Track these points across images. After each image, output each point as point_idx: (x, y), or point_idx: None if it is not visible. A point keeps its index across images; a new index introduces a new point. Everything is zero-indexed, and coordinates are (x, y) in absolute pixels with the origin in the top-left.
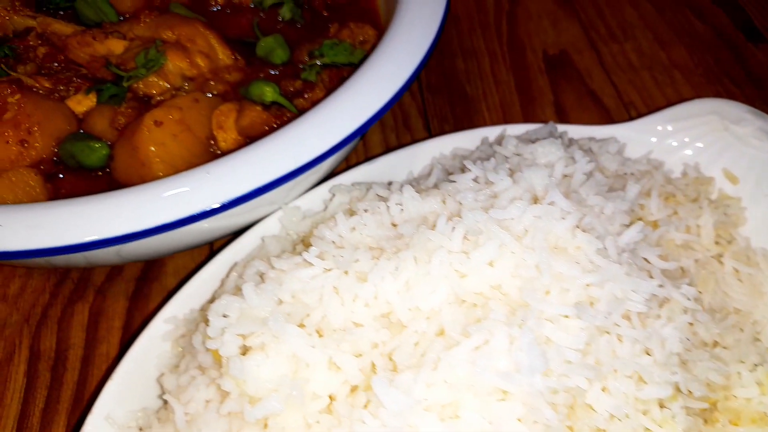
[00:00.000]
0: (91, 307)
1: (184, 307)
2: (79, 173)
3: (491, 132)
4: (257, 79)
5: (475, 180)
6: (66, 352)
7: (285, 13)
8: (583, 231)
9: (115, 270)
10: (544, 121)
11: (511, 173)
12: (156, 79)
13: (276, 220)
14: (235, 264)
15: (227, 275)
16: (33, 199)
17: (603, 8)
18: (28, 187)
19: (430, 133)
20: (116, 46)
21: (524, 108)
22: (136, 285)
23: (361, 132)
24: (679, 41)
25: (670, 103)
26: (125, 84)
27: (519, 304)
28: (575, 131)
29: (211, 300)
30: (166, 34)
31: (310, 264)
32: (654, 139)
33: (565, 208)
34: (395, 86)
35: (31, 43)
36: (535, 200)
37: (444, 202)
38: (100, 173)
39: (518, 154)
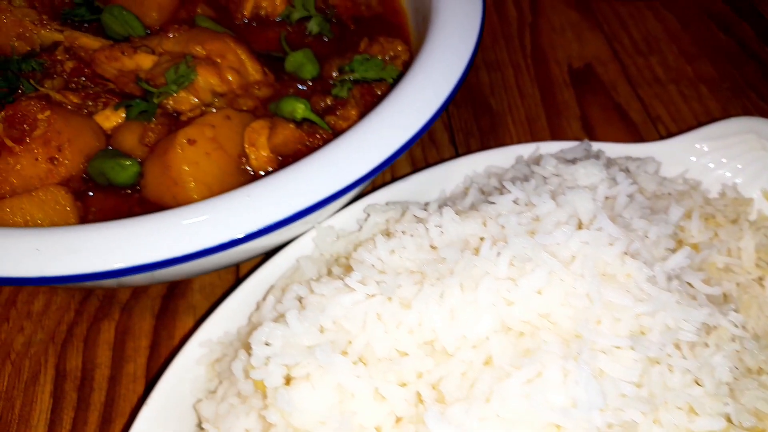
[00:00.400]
0: (117, 325)
1: (218, 329)
2: (109, 191)
3: (524, 150)
4: (288, 96)
5: (515, 201)
6: (92, 371)
7: (313, 26)
8: (632, 257)
9: (140, 287)
10: (572, 136)
11: (553, 195)
12: (186, 95)
13: (309, 239)
14: (272, 287)
15: (263, 298)
16: (63, 218)
17: (626, 20)
18: (58, 205)
19: (456, 147)
20: (145, 61)
21: (550, 122)
22: (162, 302)
23: (400, 154)
24: (704, 54)
25: (697, 118)
26: (156, 100)
27: (570, 333)
28: (609, 149)
29: (247, 323)
30: (196, 50)
31: (352, 289)
32: (692, 159)
33: (614, 234)
34: (434, 106)
35: (58, 57)
36: (580, 224)
37: (485, 224)
38: (130, 191)
39: (557, 175)
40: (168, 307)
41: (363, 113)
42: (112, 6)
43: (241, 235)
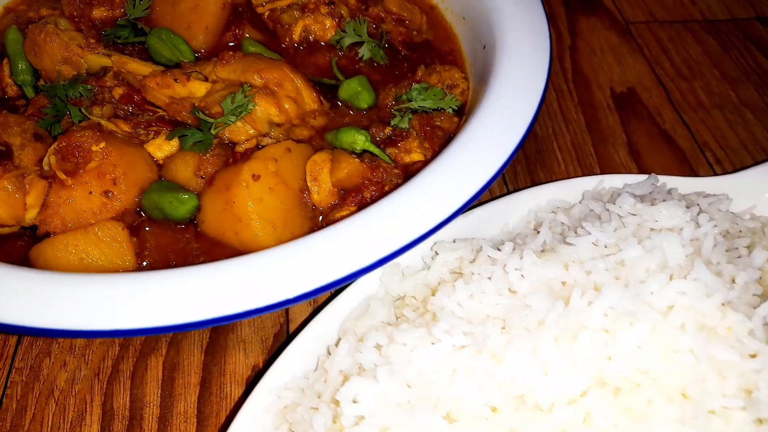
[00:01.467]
0: (165, 361)
1: (284, 373)
2: (164, 225)
3: (587, 184)
4: (347, 127)
5: (594, 243)
6: (141, 410)
7: (365, 52)
8: (731, 308)
9: None
10: (620, 164)
11: (638, 238)
12: (242, 125)
13: (376, 277)
14: (345, 332)
15: (336, 344)
16: (119, 255)
17: (666, 43)
18: (115, 242)
19: (503, 175)
20: (198, 89)
21: (597, 148)
22: (210, 336)
23: (478, 197)
24: (747, 79)
25: (744, 144)
26: (213, 132)
27: (674, 391)
28: (677, 184)
29: (317, 367)
30: (253, 78)
31: (438, 340)
32: (767, 195)
33: (711, 284)
34: (509, 147)
35: (107, 83)
36: (669, 271)
37: (566, 268)
38: (185, 224)
39: (634, 214)
40: (217, 341)
41: (423, 144)
42: (159, 29)
43: (317, 287)
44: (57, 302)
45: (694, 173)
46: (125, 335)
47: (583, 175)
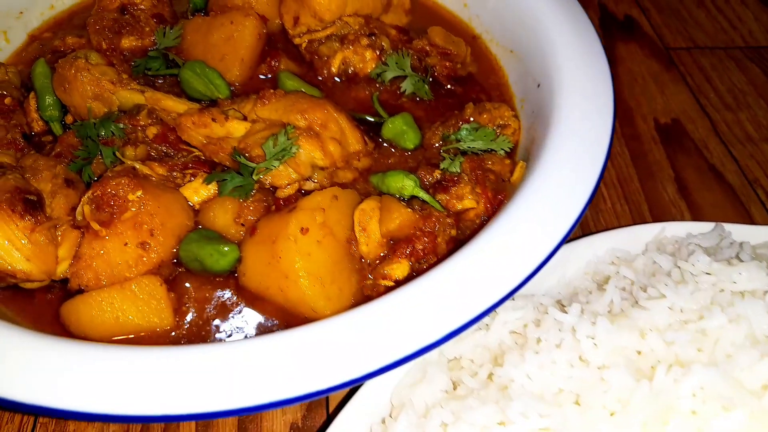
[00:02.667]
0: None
1: None
2: (202, 277)
3: (648, 232)
4: (394, 170)
5: (671, 307)
6: None
7: (407, 86)
8: None
9: None
10: (669, 201)
11: (719, 305)
12: (285, 169)
13: None
14: (403, 405)
15: (392, 415)
16: (157, 313)
17: (709, 72)
18: (153, 300)
19: None
20: (237, 129)
21: (643, 184)
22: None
23: (545, 264)
24: None
25: None
26: (255, 177)
27: None
28: (744, 234)
29: None
30: (296, 119)
31: (512, 421)
32: None
33: None
34: (577, 208)
35: (141, 122)
36: (758, 344)
37: (643, 336)
38: (222, 278)
39: (708, 273)
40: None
41: (475, 190)
42: (193, 62)
43: (383, 365)
44: (94, 381)
45: (747, 212)
46: (165, 420)
47: (631, 212)
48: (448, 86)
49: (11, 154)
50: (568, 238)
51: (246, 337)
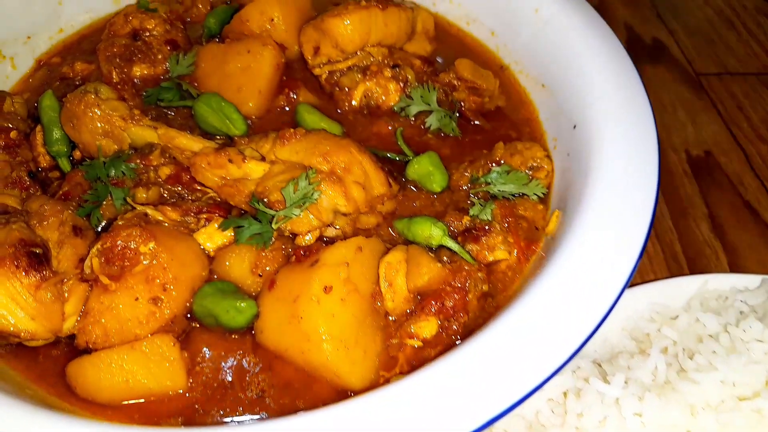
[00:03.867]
0: None
1: None
2: (216, 332)
3: (689, 285)
4: (421, 217)
5: (722, 381)
6: None
7: (433, 122)
8: None
9: None
10: (703, 241)
11: None
12: (305, 216)
13: None
14: None
15: None
16: (169, 376)
17: (741, 99)
18: (165, 361)
19: None
20: (255, 170)
21: (676, 222)
22: None
23: (589, 338)
24: None
25: None
26: (275, 226)
27: None
28: None
29: None
30: (318, 162)
31: None
32: None
33: None
34: (623, 276)
35: (153, 162)
36: None
37: (694, 413)
38: (236, 335)
39: (761, 341)
40: None
41: (507, 239)
42: (208, 95)
43: None
44: None
45: None
46: None
47: (664, 252)
48: (476, 122)
49: (16, 194)
50: None
51: (265, 401)
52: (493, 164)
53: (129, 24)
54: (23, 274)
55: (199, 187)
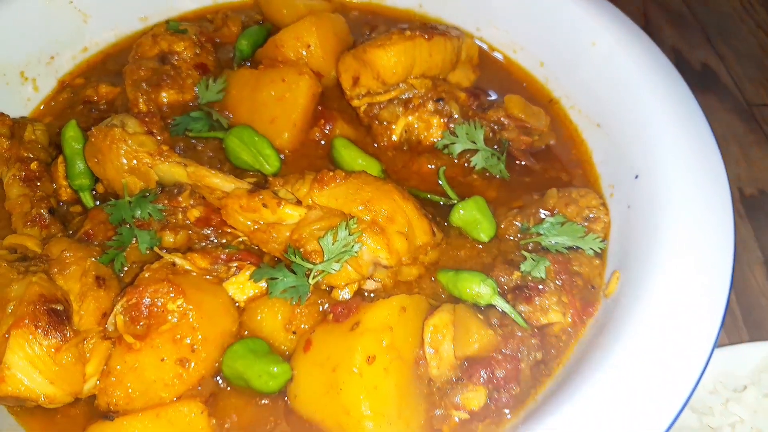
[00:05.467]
0: None
1: None
2: (246, 395)
3: (753, 352)
4: (468, 272)
5: None
6: None
7: (478, 161)
8: None
9: None
10: (758, 289)
11: None
12: (344, 268)
13: None
14: None
15: None
16: None
17: None
18: (192, 429)
19: None
20: (290, 215)
21: None
22: None
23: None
24: None
25: None
26: (311, 282)
27: None
28: None
29: None
30: (358, 210)
31: None
32: None
33: None
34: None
35: (182, 203)
36: None
37: None
38: (267, 399)
39: None
40: None
41: (562, 299)
42: (240, 128)
43: None
44: None
45: None
46: None
47: None
48: (524, 162)
49: (35, 234)
50: None
51: None
52: (546, 213)
53: (157, 45)
54: (43, 335)
55: (229, 230)
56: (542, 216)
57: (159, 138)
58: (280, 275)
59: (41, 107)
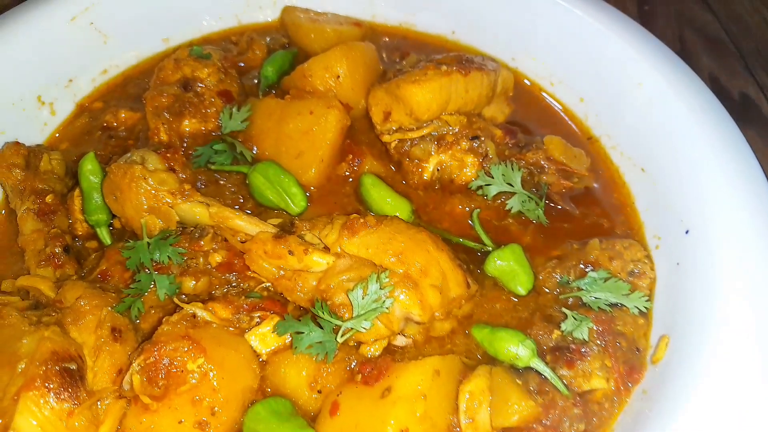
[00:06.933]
0: None
1: None
2: None
3: None
4: (505, 330)
5: None
6: None
7: (515, 204)
8: None
9: None
10: None
11: None
12: (374, 323)
13: None
14: None
15: None
16: None
17: None
18: None
19: None
20: (317, 263)
21: None
22: None
23: None
24: None
25: None
26: (340, 339)
27: None
28: None
29: None
30: (390, 262)
31: None
32: None
33: None
34: None
35: (204, 248)
36: None
37: None
38: None
39: None
40: None
41: (605, 363)
42: (266, 164)
43: None
44: None
45: None
46: None
47: None
48: (563, 207)
49: (49, 274)
50: None
51: None
52: (587, 266)
53: (180, 71)
54: (55, 398)
55: (252, 275)
56: (583, 269)
57: (181, 175)
58: (306, 330)
59: (56, 134)
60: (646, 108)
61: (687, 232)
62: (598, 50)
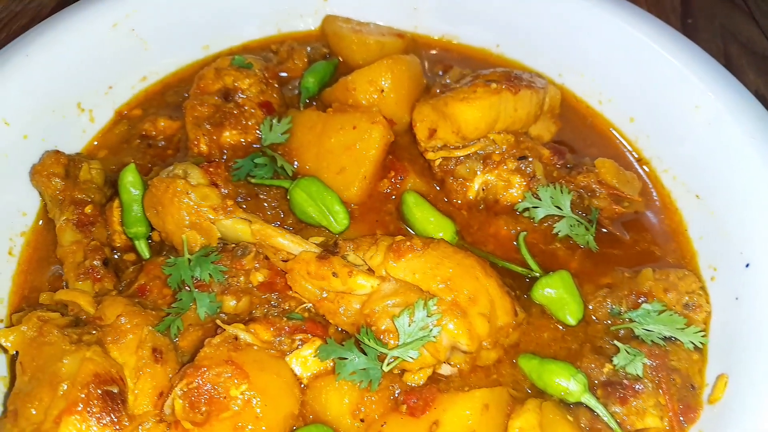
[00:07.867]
0: None
1: None
2: None
3: None
4: (555, 363)
5: None
6: None
7: (563, 228)
8: None
9: None
10: None
11: None
12: (419, 351)
13: None
14: None
15: None
16: None
17: None
18: None
19: None
20: (361, 286)
21: None
22: None
23: None
24: None
25: None
26: (386, 368)
27: None
28: None
29: None
30: (438, 289)
31: None
32: None
33: None
34: None
35: (246, 267)
36: None
37: None
38: None
39: None
40: None
41: (659, 400)
42: (308, 180)
43: None
44: None
45: None
46: None
47: None
48: (613, 232)
49: (88, 288)
50: None
51: None
52: (640, 296)
53: (220, 80)
54: (96, 423)
55: (294, 295)
56: (635, 299)
57: (223, 190)
58: (350, 356)
59: (95, 142)
60: (702, 133)
61: (747, 265)
62: (652, 69)
